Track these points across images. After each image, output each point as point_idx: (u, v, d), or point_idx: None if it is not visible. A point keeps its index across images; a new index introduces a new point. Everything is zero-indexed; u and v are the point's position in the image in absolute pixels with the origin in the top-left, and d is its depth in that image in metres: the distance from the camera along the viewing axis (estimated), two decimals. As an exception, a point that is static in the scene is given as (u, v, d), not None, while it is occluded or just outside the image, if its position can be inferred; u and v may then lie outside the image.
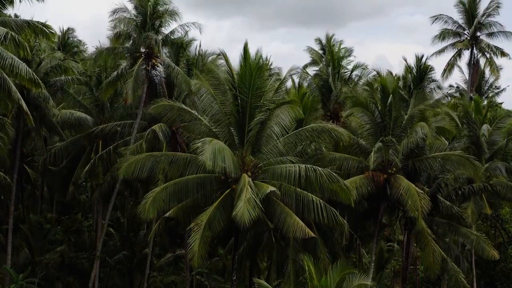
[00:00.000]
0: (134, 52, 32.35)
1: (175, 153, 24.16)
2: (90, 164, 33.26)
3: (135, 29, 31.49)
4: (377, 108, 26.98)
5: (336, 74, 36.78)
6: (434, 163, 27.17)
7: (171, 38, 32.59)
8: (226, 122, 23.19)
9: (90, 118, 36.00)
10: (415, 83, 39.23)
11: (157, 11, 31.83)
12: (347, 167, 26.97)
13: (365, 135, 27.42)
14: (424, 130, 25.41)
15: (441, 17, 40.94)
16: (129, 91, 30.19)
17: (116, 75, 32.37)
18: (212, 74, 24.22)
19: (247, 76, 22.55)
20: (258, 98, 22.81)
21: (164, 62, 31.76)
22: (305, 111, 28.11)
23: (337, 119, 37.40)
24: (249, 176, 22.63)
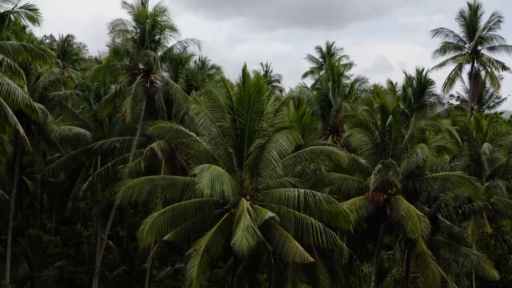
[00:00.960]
0: (132, 68, 32.19)
1: (173, 176, 24.00)
2: (88, 181, 33.11)
3: (133, 46, 31.33)
4: (377, 128, 26.82)
5: (336, 89, 36.58)
6: (434, 183, 27.00)
7: (170, 55, 32.45)
8: (225, 146, 23.02)
9: (89, 134, 35.85)
10: (415, 97, 39.25)
11: (155, 28, 31.65)
12: (347, 187, 26.85)
13: (365, 155, 27.24)
14: (424, 152, 25.24)
15: (442, 31, 40.72)
16: (128, 109, 30.05)
17: (115, 92, 32.23)
18: (211, 96, 24.06)
19: (245, 100, 22.40)
20: (257, 121, 22.67)
21: (163, 79, 31.60)
22: (305, 130, 27.95)
23: (337, 134, 37.27)
24: (247, 200, 22.54)
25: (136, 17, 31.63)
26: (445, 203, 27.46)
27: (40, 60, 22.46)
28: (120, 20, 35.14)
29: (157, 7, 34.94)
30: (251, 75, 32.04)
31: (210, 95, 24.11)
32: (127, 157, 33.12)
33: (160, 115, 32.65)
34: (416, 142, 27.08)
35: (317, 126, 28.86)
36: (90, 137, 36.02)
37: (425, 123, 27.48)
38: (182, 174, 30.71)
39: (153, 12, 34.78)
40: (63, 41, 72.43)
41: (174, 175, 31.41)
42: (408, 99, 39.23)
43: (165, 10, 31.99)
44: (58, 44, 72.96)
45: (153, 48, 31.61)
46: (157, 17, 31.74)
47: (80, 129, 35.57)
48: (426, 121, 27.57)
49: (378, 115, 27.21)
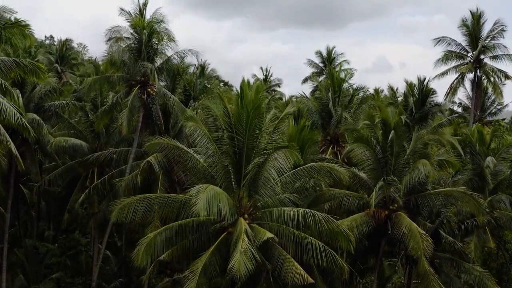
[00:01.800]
0: (129, 79, 31.64)
1: (169, 195, 23.45)
2: (85, 194, 32.57)
3: (130, 57, 30.77)
4: (379, 143, 26.28)
5: (337, 99, 36.01)
6: (436, 199, 26.46)
7: (167, 65, 31.89)
8: (222, 164, 22.48)
9: (85, 144, 35.32)
10: (417, 106, 38.71)
11: (152, 38, 31.09)
12: (348, 203, 26.33)
13: (366, 170, 26.70)
14: (426, 168, 24.69)
15: (444, 39, 40.09)
16: (124, 122, 29.51)
17: (111, 104, 31.70)
18: (208, 111, 23.51)
19: (243, 117, 21.86)
20: (255, 139, 22.14)
21: (160, 90, 31.04)
22: (304, 144, 27.42)
23: (338, 144, 36.73)
24: (246, 219, 22.03)
25: (133, 27, 31.06)
26: (448, 219, 26.91)
27: (33, 76, 21.89)
28: (118, 27, 34.76)
29: (154, 16, 34.56)
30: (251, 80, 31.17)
31: (207, 111, 23.56)
32: (124, 169, 32.59)
33: (157, 127, 32.14)
34: (418, 156, 26.53)
35: (317, 140, 28.31)
36: (87, 147, 35.51)
37: (427, 138, 26.93)
38: (180, 188, 30.29)
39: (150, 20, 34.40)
40: (61, 45, 71.95)
41: (172, 188, 31.05)
42: (410, 109, 38.71)
43: (162, 20, 31.40)
44: (56, 48, 72.48)
45: (150, 59, 31.06)
46: (154, 27, 31.14)
47: (76, 140, 35.02)
48: (428, 136, 27.01)
49: (380, 129, 26.65)
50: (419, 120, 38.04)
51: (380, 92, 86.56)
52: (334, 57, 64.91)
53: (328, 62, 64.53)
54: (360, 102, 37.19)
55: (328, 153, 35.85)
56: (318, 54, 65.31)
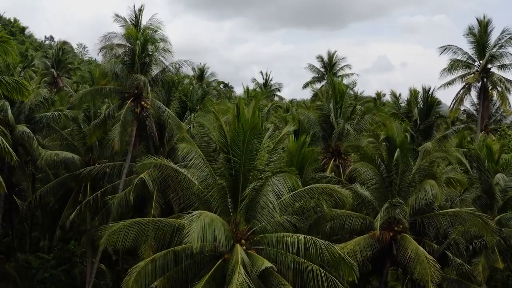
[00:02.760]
0: (122, 92, 30.36)
1: (161, 219, 22.15)
2: (76, 211, 31.29)
3: (122, 69, 29.47)
4: (383, 161, 25.01)
5: (338, 110, 34.71)
6: (443, 220, 25.19)
7: (162, 77, 30.56)
8: (218, 187, 21.21)
9: (77, 158, 34.03)
10: (421, 117, 37.39)
11: (147, 50, 29.79)
12: (351, 224, 25.04)
13: (370, 189, 25.43)
14: (434, 190, 23.40)
15: (450, 48, 38.65)
16: (116, 138, 28.22)
17: (103, 117, 30.37)
18: (203, 130, 22.24)
19: (240, 137, 20.59)
20: (252, 160, 20.87)
21: (154, 104, 29.75)
22: (305, 161, 26.21)
23: (339, 157, 35.44)
24: (243, 244, 20.78)
25: (126, 37, 29.76)
26: (456, 241, 25.63)
27: (17, 94, 20.66)
28: (113, 34, 33.59)
29: (149, 24, 33.40)
30: (251, 85, 29.64)
31: (202, 129, 22.31)
32: (117, 185, 31.31)
33: (151, 141, 30.85)
34: (424, 175, 25.25)
35: (318, 157, 27.01)
36: (79, 161, 34.22)
37: (434, 155, 25.61)
38: (177, 205, 29.00)
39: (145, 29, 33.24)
40: (57, 49, 70.78)
41: (168, 206, 29.77)
42: (414, 119, 37.41)
43: (158, 27, 30.09)
44: (52, 53, 71.29)
45: (143, 71, 29.75)
46: (148, 36, 29.83)
47: (68, 153, 33.72)
48: (435, 153, 25.70)
49: (384, 146, 25.37)
50: (424, 131, 36.75)
51: (382, 96, 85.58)
52: (335, 62, 63.69)
53: (329, 67, 63.33)
54: (363, 113, 35.87)
55: (330, 166, 34.57)
56: (319, 59, 64.14)
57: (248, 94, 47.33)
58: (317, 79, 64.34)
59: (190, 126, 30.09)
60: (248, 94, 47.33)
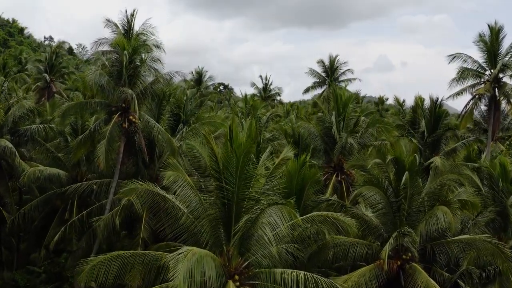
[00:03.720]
0: (109, 105, 28.32)
1: (146, 252, 20.11)
2: (60, 233, 29.27)
3: (109, 82, 27.40)
4: (391, 184, 22.95)
5: (341, 122, 32.65)
6: (455, 248, 23.15)
7: (151, 90, 28.44)
8: (209, 218, 19.18)
9: (64, 174, 31.99)
10: (429, 129, 35.30)
11: (135, 60, 27.72)
12: (354, 253, 22.99)
13: (376, 214, 23.40)
14: (447, 218, 21.37)
15: (459, 56, 36.47)
16: (101, 156, 26.17)
17: (89, 133, 28.32)
18: (193, 153, 20.22)
19: (233, 163, 18.56)
20: (246, 188, 18.86)
21: (144, 118, 27.69)
22: (305, 182, 24.14)
23: (342, 172, 33.40)
24: (236, 280, 18.78)
25: (113, 46, 27.71)
26: (469, 271, 23.60)
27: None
28: (105, 40, 31.76)
29: (142, 31, 31.58)
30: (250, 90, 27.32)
31: (192, 152, 20.28)
32: (104, 204, 29.29)
33: (141, 158, 28.81)
34: (435, 198, 23.23)
35: (319, 178, 24.99)
36: (65, 176, 32.20)
37: (445, 177, 23.54)
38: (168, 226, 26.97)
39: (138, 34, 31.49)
40: (50, 53, 68.80)
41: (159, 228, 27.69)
42: (421, 132, 35.32)
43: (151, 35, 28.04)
44: (45, 57, 69.29)
45: (131, 83, 27.69)
46: (138, 45, 27.74)
47: (53, 169, 31.67)
48: (446, 175, 23.62)
49: (391, 167, 23.32)
50: (432, 144, 34.69)
51: (385, 100, 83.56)
52: (337, 66, 61.63)
53: (330, 72, 61.29)
54: (367, 125, 33.80)
55: (332, 182, 32.54)
56: (320, 63, 62.04)
57: (246, 101, 45.41)
58: (318, 84, 62.27)
59: (181, 143, 28.04)
60: (246, 101, 45.41)
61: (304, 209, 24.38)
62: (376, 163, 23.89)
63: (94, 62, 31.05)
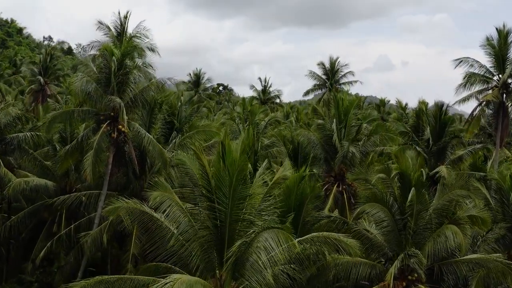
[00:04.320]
0: (97, 114, 26.84)
1: (133, 277, 18.61)
2: (46, 248, 27.80)
3: (96, 89, 25.90)
4: (396, 200, 21.48)
5: (342, 129, 31.13)
6: (464, 268, 21.69)
7: (142, 97, 26.91)
8: (200, 241, 17.71)
9: (52, 184, 30.52)
10: (434, 137, 33.79)
11: (124, 67, 26.21)
12: (357, 274, 21.52)
13: (381, 232, 21.93)
14: (457, 238, 19.90)
15: (466, 60, 34.85)
16: (88, 168, 24.69)
17: (76, 143, 26.84)
18: (183, 169, 18.74)
19: (226, 182, 17.09)
20: (240, 209, 17.39)
21: (134, 128, 26.20)
22: (304, 198, 22.64)
23: (343, 181, 31.91)
24: (229, 307, 17.35)
25: (101, 52, 26.23)
26: (480, 293, 22.13)
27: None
28: (97, 42, 30.39)
29: (135, 33, 30.26)
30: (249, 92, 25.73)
31: (183, 168, 18.81)
32: (93, 217, 27.82)
33: (131, 168, 27.33)
34: (443, 215, 21.77)
35: (319, 193, 23.49)
36: (53, 187, 30.74)
37: (455, 193, 22.04)
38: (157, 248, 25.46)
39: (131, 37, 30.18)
40: (45, 55, 67.37)
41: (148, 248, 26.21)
42: (426, 140, 33.78)
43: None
44: (40, 59, 67.87)
45: (121, 91, 26.19)
46: (127, 51, 26.21)
47: (40, 180, 30.20)
48: (455, 191, 22.12)
49: (397, 182, 21.85)
50: (437, 153, 33.17)
51: (386, 102, 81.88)
52: (338, 69, 60.12)
53: (331, 74, 59.78)
54: (369, 133, 32.26)
55: (333, 192, 31.06)
56: (320, 65, 60.51)
57: (244, 106, 43.93)
58: (318, 86, 60.75)
59: (173, 154, 26.53)
60: (244, 106, 43.93)
61: (303, 226, 22.94)
62: (380, 178, 22.37)
63: (81, 68, 29.57)
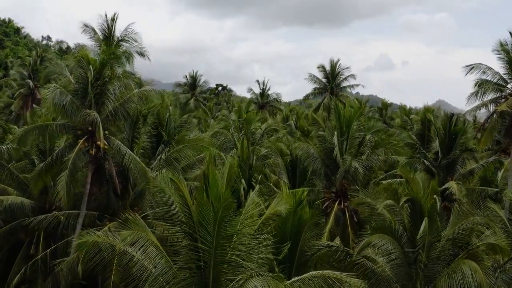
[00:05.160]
0: (74, 128, 24.35)
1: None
2: (20, 275, 25.35)
3: (71, 102, 23.40)
4: (406, 231, 19.02)
5: (344, 142, 28.63)
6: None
7: (123, 110, 24.35)
8: (181, 285, 15.24)
9: (28, 202, 27.99)
10: (443, 149, 31.23)
11: (103, 76, 23.70)
12: (362, 313, 19.04)
13: (389, 265, 19.47)
14: (477, 276, 17.41)
15: (478, 67, 32.30)
16: (62, 191, 22.20)
17: (51, 161, 24.34)
18: (162, 198, 16.27)
19: (210, 218, 14.65)
20: (226, 249, 14.94)
21: (114, 144, 23.71)
22: (301, 225, 20.18)
23: (345, 198, 29.44)
24: None
25: (78, 60, 23.74)
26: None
27: None
28: (83, 47, 28.11)
29: (123, 37, 27.99)
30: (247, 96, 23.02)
31: (161, 197, 16.33)
32: (71, 241, 25.35)
33: (112, 188, 24.86)
34: (459, 246, 19.30)
35: (319, 220, 21.00)
36: (30, 205, 28.23)
37: (472, 221, 19.57)
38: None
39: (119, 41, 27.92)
40: (34, 57, 64.93)
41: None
42: (435, 152, 31.24)
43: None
44: (29, 62, 65.40)
45: (99, 103, 23.70)
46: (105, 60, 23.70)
47: (15, 198, 27.70)
48: (473, 218, 19.67)
49: (406, 209, 19.37)
50: (446, 167, 30.66)
51: (389, 105, 79.29)
52: (338, 72, 57.55)
53: (331, 78, 57.20)
54: (373, 146, 29.73)
55: (334, 211, 28.60)
56: (320, 68, 57.91)
57: (240, 113, 41.38)
58: (318, 90, 58.19)
59: (157, 173, 24.06)
60: (240, 113, 41.38)
61: (300, 256, 20.50)
62: (387, 206, 19.89)
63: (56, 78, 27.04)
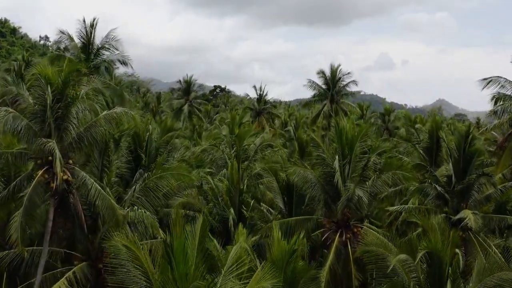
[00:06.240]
0: (32, 157, 21.02)
1: None
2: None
3: (27, 127, 20.06)
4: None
5: (346, 166, 25.32)
6: None
7: (89, 135, 20.86)
8: None
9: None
10: (457, 174, 27.72)
11: (66, 97, 20.34)
12: None
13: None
14: None
15: (496, 80, 28.92)
16: (15, 234, 18.91)
17: (7, 194, 21.02)
18: (121, 267, 12.95)
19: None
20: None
21: (78, 176, 20.36)
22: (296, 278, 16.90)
23: (347, 229, 26.10)
24: None
25: (35, 78, 20.44)
26: None
27: None
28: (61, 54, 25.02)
29: (104, 44, 25.32)
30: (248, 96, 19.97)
31: (121, 267, 13.03)
32: (32, 283, 22.08)
33: (78, 224, 21.55)
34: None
35: (317, 275, 17.69)
36: (-8, 239, 24.96)
37: (498, 278, 16.28)
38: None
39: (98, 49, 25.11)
40: (19, 63, 61.69)
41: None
42: (448, 177, 27.77)
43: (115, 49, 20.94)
44: (14, 66, 62.11)
45: (61, 128, 20.34)
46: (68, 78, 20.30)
47: (-28, 233, 24.42)
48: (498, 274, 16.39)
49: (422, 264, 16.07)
50: (460, 192, 27.30)
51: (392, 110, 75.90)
52: (339, 78, 54.28)
53: (332, 84, 53.92)
54: (380, 170, 26.40)
55: (334, 244, 25.24)
56: (320, 74, 54.61)
57: (232, 126, 38.04)
58: (318, 97, 54.94)
59: (128, 209, 20.69)
60: (232, 126, 38.04)
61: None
62: (400, 261, 16.57)
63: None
